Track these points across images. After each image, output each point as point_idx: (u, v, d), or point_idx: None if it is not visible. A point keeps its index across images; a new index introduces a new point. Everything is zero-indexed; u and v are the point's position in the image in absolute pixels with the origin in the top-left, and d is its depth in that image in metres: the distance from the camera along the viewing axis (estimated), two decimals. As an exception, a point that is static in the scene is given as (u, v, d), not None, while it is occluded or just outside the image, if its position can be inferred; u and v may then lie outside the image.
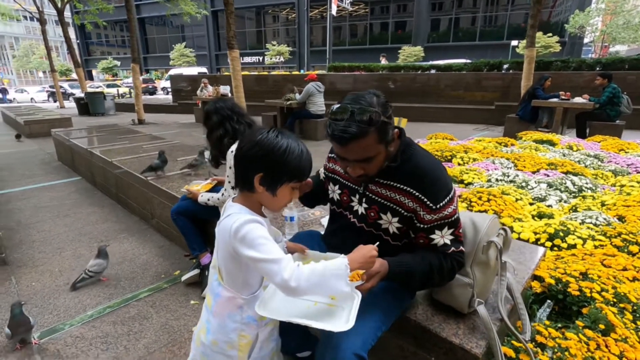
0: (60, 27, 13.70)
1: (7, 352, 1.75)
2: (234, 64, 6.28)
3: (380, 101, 1.04)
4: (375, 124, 1.00)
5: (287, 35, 32.99)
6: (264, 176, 0.93)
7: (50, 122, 8.10)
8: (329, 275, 0.87)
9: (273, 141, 0.94)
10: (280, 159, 0.93)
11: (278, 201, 0.98)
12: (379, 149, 1.06)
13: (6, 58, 53.15)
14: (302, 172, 0.98)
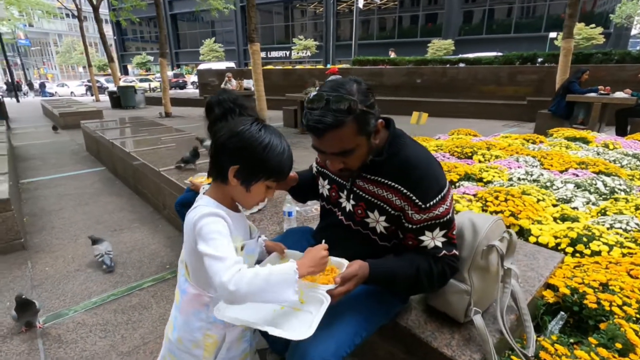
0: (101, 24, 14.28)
1: (13, 334, 1.81)
2: (254, 57, 6.28)
3: (360, 88, 0.95)
4: (352, 113, 0.91)
5: (314, 30, 32.86)
6: (239, 169, 0.88)
7: (82, 114, 8.48)
8: (275, 281, 0.79)
9: (255, 135, 0.88)
10: (260, 154, 0.88)
11: (251, 197, 0.92)
12: (358, 141, 0.96)
13: (50, 54, 56.48)
14: (281, 171, 0.92)
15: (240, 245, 0.91)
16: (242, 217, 0.98)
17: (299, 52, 30.22)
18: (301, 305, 0.89)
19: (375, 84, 11.75)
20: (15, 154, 5.91)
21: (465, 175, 3.03)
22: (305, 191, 1.38)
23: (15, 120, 10.67)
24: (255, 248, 1.00)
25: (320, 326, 0.97)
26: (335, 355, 0.90)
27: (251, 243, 0.97)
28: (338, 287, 0.91)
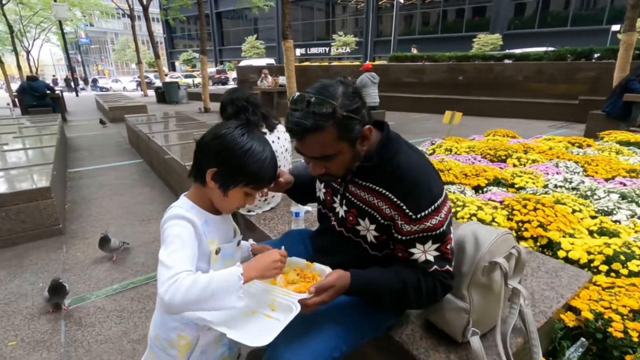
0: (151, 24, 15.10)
1: (41, 314, 1.95)
2: (287, 54, 6.33)
3: (346, 92, 0.89)
4: (333, 117, 0.86)
5: (355, 26, 32.51)
6: (217, 172, 0.87)
7: (128, 108, 9.03)
8: (214, 288, 0.75)
9: (237, 139, 0.87)
10: (239, 159, 0.86)
11: (228, 202, 0.91)
12: (339, 147, 0.91)
13: (108, 52, 60.79)
14: (261, 179, 0.91)
15: (215, 248, 0.90)
16: (222, 219, 0.97)
17: (338, 48, 30.08)
18: (272, 312, 0.87)
19: (415, 81, 11.41)
20: (67, 145, 6.42)
21: (495, 180, 2.85)
22: (303, 193, 1.35)
23: (72, 113, 11.59)
24: (234, 252, 0.98)
25: (299, 336, 0.95)
26: (308, 367, 0.87)
27: (228, 247, 0.95)
28: (312, 297, 0.87)
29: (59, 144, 4.56)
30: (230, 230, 1.01)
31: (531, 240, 2.04)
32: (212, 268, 0.89)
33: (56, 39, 27.58)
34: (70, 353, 1.69)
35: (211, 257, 0.89)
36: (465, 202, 2.34)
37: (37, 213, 2.78)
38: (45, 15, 21.74)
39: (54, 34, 26.56)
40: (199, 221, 0.87)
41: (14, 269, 2.43)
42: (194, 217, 0.86)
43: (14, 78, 24.26)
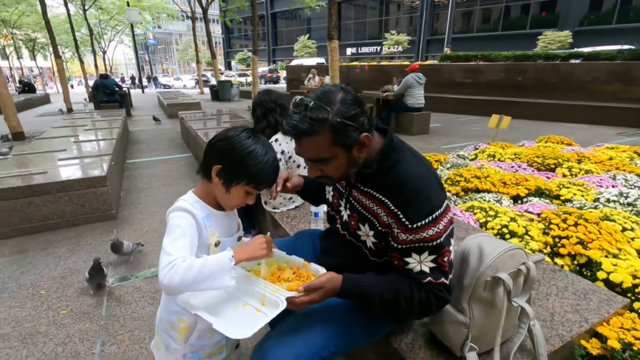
0: (211, 25, 16.03)
1: (89, 289, 2.20)
2: (332, 54, 6.37)
3: (345, 99, 0.91)
4: (328, 123, 0.89)
5: (409, 24, 31.66)
6: (221, 169, 0.95)
7: (184, 105, 9.67)
8: (209, 270, 0.83)
9: (242, 141, 0.96)
10: (241, 159, 0.94)
11: (230, 199, 0.99)
12: (334, 151, 0.94)
13: (172, 52, 65.42)
14: (260, 179, 0.97)
15: (215, 241, 0.98)
16: (226, 215, 1.04)
17: (389, 47, 29.53)
18: (261, 307, 0.92)
19: (467, 81, 10.88)
20: (128, 138, 7.05)
21: (537, 190, 2.66)
22: (315, 195, 1.39)
23: (137, 109, 12.66)
24: (233, 246, 1.04)
25: (289, 332, 0.99)
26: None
27: (228, 240, 1.02)
28: (302, 296, 0.91)
29: (120, 137, 5.03)
30: (234, 225, 1.08)
31: (568, 258, 1.89)
32: None
33: (128, 40, 30.29)
34: (108, 326, 1.89)
35: (211, 248, 0.97)
36: (498, 212, 2.22)
37: (94, 198, 3.11)
38: (120, 18, 23.97)
39: (127, 36, 29.20)
40: (201, 214, 0.95)
41: (73, 247, 2.75)
42: (196, 211, 0.94)
43: (92, 76, 27.08)
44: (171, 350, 1.01)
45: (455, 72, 11.19)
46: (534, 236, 2.00)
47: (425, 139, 6.60)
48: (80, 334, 1.83)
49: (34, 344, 1.76)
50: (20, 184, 2.90)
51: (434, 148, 5.76)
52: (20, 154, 4.08)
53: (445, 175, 3.13)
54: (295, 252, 1.25)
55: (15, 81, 25.55)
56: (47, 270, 2.42)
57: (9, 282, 2.29)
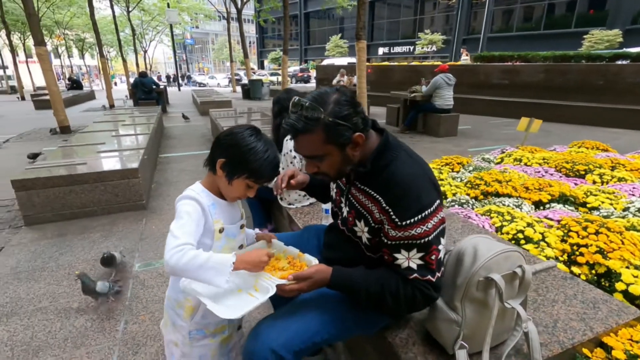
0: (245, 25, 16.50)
1: (118, 272, 2.37)
2: (359, 54, 6.37)
3: (339, 100, 0.96)
4: (320, 122, 0.94)
5: (445, 23, 30.85)
6: (225, 163, 1.04)
7: (216, 103, 10.01)
8: (209, 267, 0.90)
9: (245, 138, 1.04)
10: (243, 155, 1.02)
11: (232, 190, 1.07)
12: (327, 149, 0.99)
13: (208, 51, 67.64)
14: (260, 174, 1.05)
15: (220, 227, 1.06)
16: (230, 205, 1.12)
17: (423, 47, 28.92)
18: (254, 292, 0.99)
19: (502, 82, 10.48)
20: (163, 133, 7.41)
21: (562, 196, 2.56)
22: (321, 192, 1.44)
23: (173, 106, 13.24)
24: (236, 233, 1.13)
25: (284, 316, 1.06)
26: (284, 346, 0.96)
27: (231, 227, 1.10)
28: (291, 284, 0.97)
29: (153, 133, 5.32)
30: (237, 214, 1.16)
31: (586, 267, 1.83)
32: (215, 243, 1.05)
33: (167, 40, 31.67)
34: (132, 306, 2.04)
35: (215, 234, 1.05)
36: (515, 217, 2.17)
37: (127, 189, 3.33)
38: (160, 19, 25.10)
39: (166, 36, 30.53)
40: (206, 202, 1.04)
41: (106, 233, 2.97)
42: (202, 199, 1.03)
43: (133, 74, 28.61)
44: (178, 327, 1.10)
45: (489, 72, 10.82)
46: (551, 243, 1.95)
47: (452, 141, 6.46)
48: (107, 312, 2.00)
49: (67, 318, 1.94)
50: (63, 173, 3.16)
51: (460, 150, 5.64)
52: (64, 146, 4.43)
53: (465, 178, 3.08)
54: (301, 245, 1.32)
55: (65, 78, 27.44)
56: (82, 253, 2.64)
57: (49, 262, 2.51)
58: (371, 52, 34.48)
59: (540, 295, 1.42)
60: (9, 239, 2.90)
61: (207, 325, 1.09)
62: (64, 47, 30.27)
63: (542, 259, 1.78)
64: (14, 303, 2.08)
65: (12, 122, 9.71)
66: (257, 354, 0.95)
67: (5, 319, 1.94)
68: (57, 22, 23.95)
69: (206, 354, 1.12)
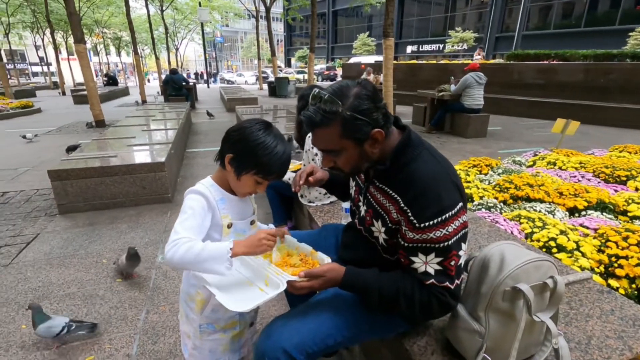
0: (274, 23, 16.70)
1: (142, 262, 2.44)
2: (387, 52, 6.26)
3: (359, 93, 0.92)
4: (338, 116, 0.90)
5: (477, 20, 29.84)
6: (233, 158, 1.01)
7: (242, 100, 10.17)
8: (205, 256, 0.89)
9: (254, 133, 1.01)
10: (252, 150, 0.99)
11: (240, 186, 1.04)
12: (344, 144, 0.95)
13: (237, 49, 68.92)
14: (268, 170, 1.02)
15: (228, 222, 1.04)
16: (240, 200, 1.10)
17: (453, 45, 28.13)
18: (264, 287, 0.98)
19: (537, 82, 10.01)
20: (190, 129, 7.60)
21: (599, 203, 2.40)
22: (341, 190, 1.41)
23: (201, 102, 13.57)
24: (246, 229, 1.10)
25: (297, 316, 1.04)
26: (296, 347, 0.94)
27: (240, 223, 1.08)
28: (302, 281, 0.94)
29: (181, 129, 5.46)
30: (248, 210, 1.14)
31: (625, 281, 1.70)
32: (223, 239, 1.04)
33: (198, 38, 32.51)
34: (153, 297, 2.09)
35: (223, 230, 1.03)
36: (546, 224, 2.05)
37: (154, 182, 3.43)
38: (192, 18, 25.79)
39: (197, 34, 31.34)
40: (215, 197, 1.02)
41: (132, 224, 3.07)
42: (210, 194, 1.02)
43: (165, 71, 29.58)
44: (190, 320, 1.11)
45: (524, 71, 10.36)
46: (586, 253, 1.83)
47: (482, 142, 6.23)
48: (130, 300, 2.06)
49: (93, 304, 2.01)
50: (95, 165, 3.29)
51: (489, 152, 5.43)
52: (98, 139, 4.62)
53: (493, 181, 2.95)
54: (319, 244, 1.29)
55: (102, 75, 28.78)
56: (110, 243, 2.74)
57: (79, 250, 2.62)
58: (399, 50, 33.94)
59: (573, 309, 1.33)
60: (45, 226, 3.05)
61: (217, 320, 1.09)
62: (102, 45, 31.73)
63: (576, 270, 1.67)
64: (46, 287, 2.18)
65: (53, 115, 10.27)
66: (268, 353, 0.94)
67: (38, 302, 2.03)
68: (97, 21, 25.11)
69: (216, 348, 1.11)
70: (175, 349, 1.69)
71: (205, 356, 1.12)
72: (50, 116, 10.18)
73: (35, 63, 41.72)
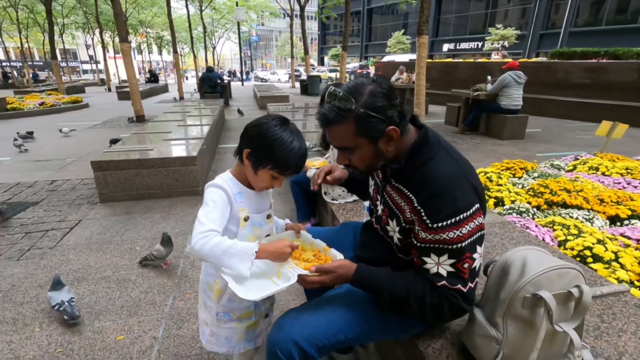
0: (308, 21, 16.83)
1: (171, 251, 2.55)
2: (420, 50, 6.11)
3: (374, 91, 0.91)
4: (352, 113, 0.90)
5: (521, 17, 28.40)
6: (250, 153, 1.04)
7: (274, 97, 10.32)
8: (232, 253, 0.92)
9: (271, 128, 1.03)
10: (269, 145, 1.01)
11: (258, 180, 1.07)
12: (358, 141, 0.95)
13: (272, 47, 70.02)
14: (285, 165, 1.03)
15: (245, 216, 1.07)
16: (257, 194, 1.12)
17: (493, 43, 26.96)
18: (276, 279, 1.00)
19: (583, 82, 9.40)
20: (223, 125, 7.83)
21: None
22: (360, 189, 1.41)
23: (235, 99, 13.93)
24: (262, 222, 1.13)
25: (309, 310, 1.06)
26: (307, 340, 0.96)
27: (257, 217, 1.11)
28: (313, 276, 0.96)
29: (214, 125, 5.64)
30: (265, 204, 1.16)
31: (669, 297, 1.57)
32: (240, 231, 1.07)
33: (234, 37, 33.39)
34: (180, 284, 2.19)
35: (240, 222, 1.06)
36: (582, 231, 1.94)
37: (186, 175, 3.57)
38: (229, 17, 26.50)
39: (234, 33, 32.18)
40: (233, 191, 1.05)
41: (165, 214, 3.22)
42: (229, 187, 1.05)
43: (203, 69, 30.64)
44: (208, 308, 1.15)
45: (569, 70, 9.76)
46: (626, 264, 1.71)
47: (518, 145, 5.95)
48: (159, 287, 2.16)
49: (125, 288, 2.14)
50: (132, 157, 3.48)
51: (526, 155, 5.18)
52: (137, 133, 4.88)
53: (527, 185, 2.82)
54: (337, 241, 1.30)
55: (145, 72, 30.26)
56: (143, 231, 2.89)
57: (116, 237, 2.79)
58: (435, 49, 33.06)
59: (604, 322, 1.25)
60: (87, 213, 3.27)
61: (233, 309, 1.12)
62: (145, 44, 33.35)
63: (613, 282, 1.56)
64: (85, 270, 2.34)
65: (99, 110, 10.95)
66: (279, 344, 0.96)
67: (77, 283, 2.19)
68: (141, 21, 26.43)
69: (232, 337, 1.15)
70: (198, 335, 1.76)
71: (222, 343, 1.16)
72: (96, 111, 10.86)
73: (86, 61, 44.70)
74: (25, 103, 10.15)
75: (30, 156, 5.42)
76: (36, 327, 1.82)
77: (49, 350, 1.66)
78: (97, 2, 15.75)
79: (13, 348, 1.68)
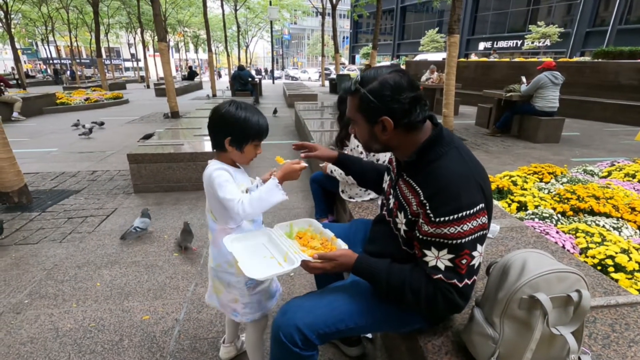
0: (340, 20, 16.89)
1: (196, 241, 2.70)
2: (450, 49, 5.97)
3: (385, 80, 0.97)
4: (358, 91, 1.01)
5: (566, 14, 26.84)
6: (231, 139, 1.19)
7: (302, 96, 10.45)
8: (264, 195, 1.15)
9: (235, 114, 1.19)
10: (242, 125, 1.19)
11: (245, 157, 1.25)
12: (357, 117, 1.06)
13: (304, 46, 70.50)
14: (260, 134, 1.23)
15: (245, 188, 1.23)
16: (242, 171, 1.30)
17: (533, 41, 25.71)
18: (282, 262, 1.10)
19: (630, 84, 8.81)
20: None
21: (680, 223, 2.11)
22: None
23: (265, 97, 14.22)
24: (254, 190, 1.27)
25: (313, 298, 1.13)
26: (308, 327, 1.02)
27: (252, 188, 1.27)
28: (315, 262, 1.04)
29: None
30: (249, 177, 1.33)
31: (696, 311, 1.49)
32: None
33: (267, 36, 33.97)
34: (202, 272, 2.32)
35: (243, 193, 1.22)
36: (606, 239, 1.87)
37: (213, 170, 3.73)
38: (262, 16, 26.98)
39: (266, 32, 32.74)
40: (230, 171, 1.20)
41: (192, 206, 3.39)
42: (227, 169, 1.20)
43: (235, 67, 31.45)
44: (233, 285, 1.28)
45: (614, 71, 9.17)
46: (650, 276, 1.64)
47: (552, 149, 5.69)
48: (183, 273, 2.31)
49: (152, 273, 2.30)
50: (164, 151, 3.69)
51: (560, 160, 4.96)
52: (171, 128, 5.14)
53: (554, 190, 2.73)
54: (348, 237, 1.36)
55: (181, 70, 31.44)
56: (172, 221, 3.07)
57: (147, 225, 2.98)
58: (471, 47, 32.00)
59: (615, 332, 1.22)
60: (122, 202, 3.51)
61: None
62: (183, 43, 34.63)
63: (633, 293, 1.51)
64: (118, 254, 2.53)
65: (137, 106, 11.55)
66: (282, 328, 1.03)
67: (110, 266, 2.38)
68: (179, 20, 27.48)
69: (261, 299, 1.33)
70: (216, 319, 1.87)
71: (256, 308, 1.33)
72: (135, 107, 11.46)
73: (128, 59, 47.05)
74: (73, 98, 10.90)
75: (87, 145, 5.83)
76: (74, 303, 2.00)
77: (83, 325, 1.83)
78: (140, 2, 16.56)
79: (53, 320, 1.86)
